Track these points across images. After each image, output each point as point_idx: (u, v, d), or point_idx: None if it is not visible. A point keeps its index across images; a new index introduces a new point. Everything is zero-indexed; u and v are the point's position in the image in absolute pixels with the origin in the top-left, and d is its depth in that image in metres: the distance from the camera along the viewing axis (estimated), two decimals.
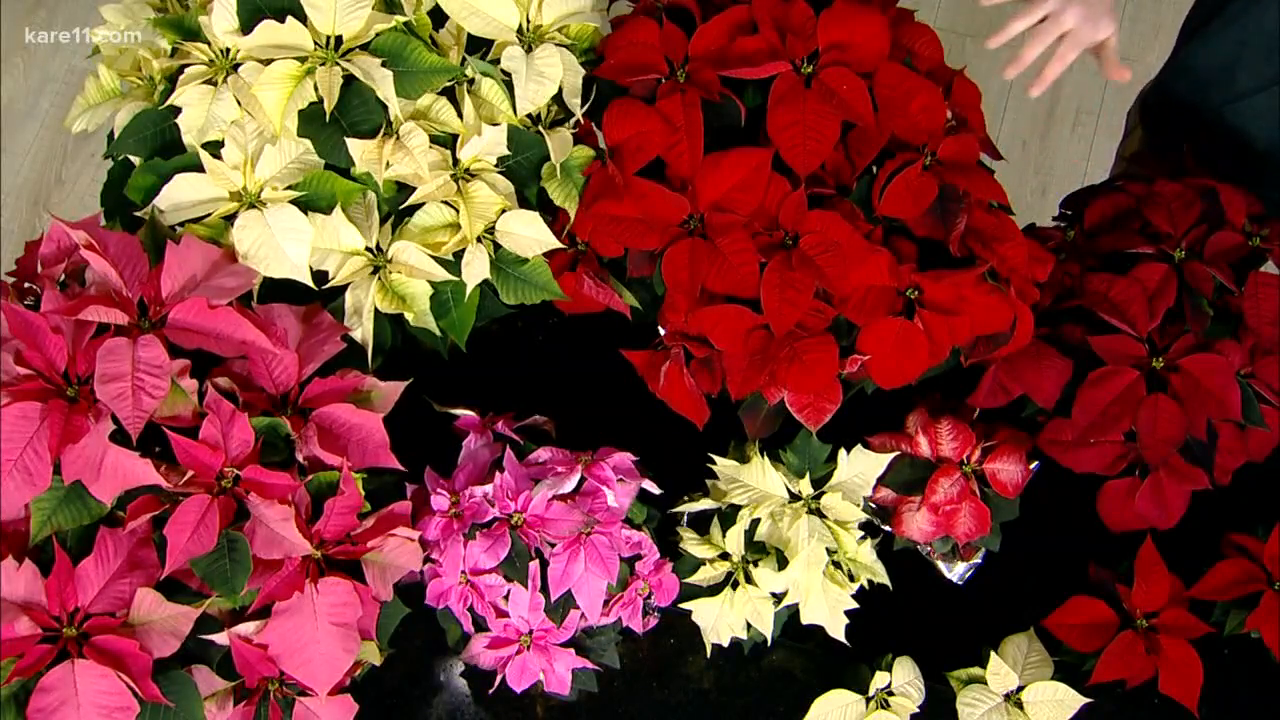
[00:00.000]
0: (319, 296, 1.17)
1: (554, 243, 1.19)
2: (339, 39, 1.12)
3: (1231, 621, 1.28)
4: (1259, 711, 1.37)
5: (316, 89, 1.11)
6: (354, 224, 1.16)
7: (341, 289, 1.18)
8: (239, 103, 1.12)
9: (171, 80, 1.15)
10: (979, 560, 1.41)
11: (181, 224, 1.14)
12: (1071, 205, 1.42)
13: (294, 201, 1.13)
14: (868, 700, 1.29)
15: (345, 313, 1.19)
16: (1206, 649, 1.27)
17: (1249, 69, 1.42)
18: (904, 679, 1.31)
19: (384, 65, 1.12)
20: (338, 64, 1.12)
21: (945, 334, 1.19)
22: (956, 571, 1.41)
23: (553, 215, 1.22)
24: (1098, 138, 2.39)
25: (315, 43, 1.12)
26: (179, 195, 1.13)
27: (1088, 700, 1.26)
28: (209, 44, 1.14)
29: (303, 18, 1.11)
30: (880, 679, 1.30)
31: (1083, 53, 1.26)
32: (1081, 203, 1.39)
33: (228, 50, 1.13)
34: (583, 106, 1.21)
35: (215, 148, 1.13)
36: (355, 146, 1.13)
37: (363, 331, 1.19)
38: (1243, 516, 1.33)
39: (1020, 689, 1.28)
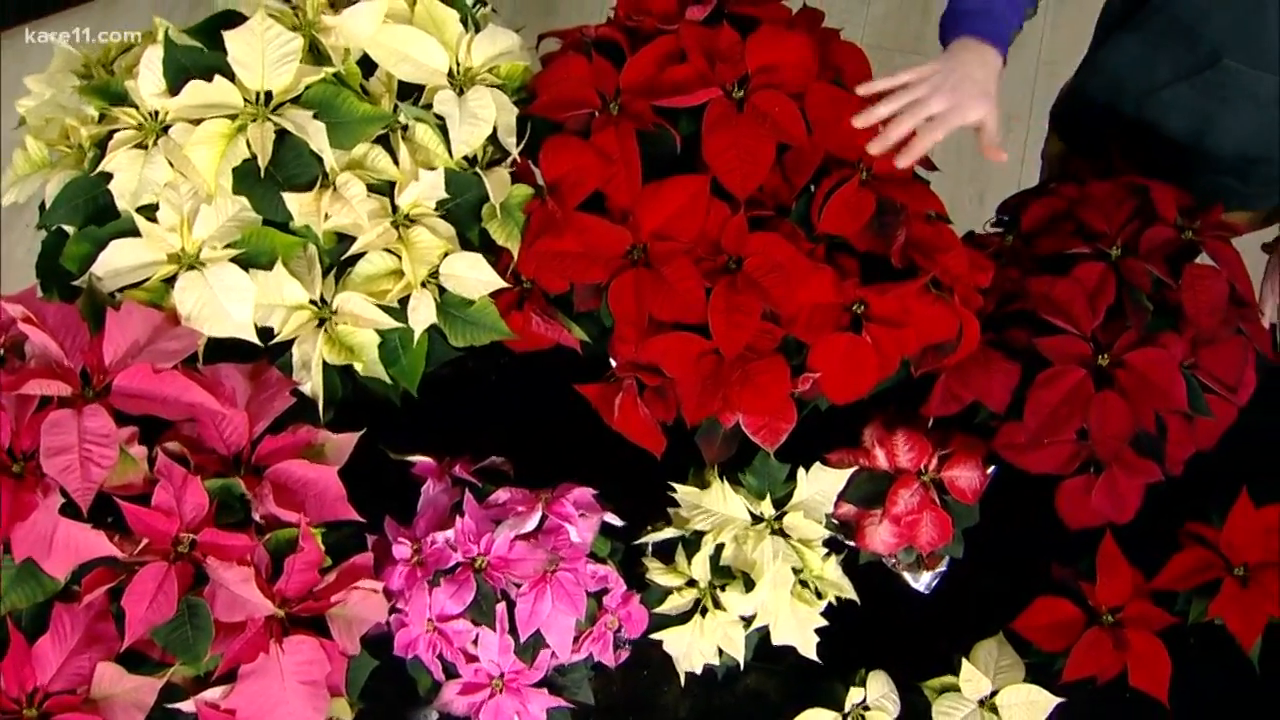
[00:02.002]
0: (265, 353, 1.16)
1: (499, 282, 1.19)
2: (269, 94, 1.12)
3: (1195, 610, 1.30)
4: (1228, 697, 1.39)
5: (249, 145, 1.10)
6: (296, 278, 1.15)
7: (288, 343, 1.18)
8: (171, 164, 1.11)
9: (101, 146, 1.14)
10: (944, 568, 1.42)
11: (120, 290, 1.13)
12: (1008, 211, 1.44)
13: (234, 259, 1.13)
14: (844, 716, 1.29)
15: (293, 367, 1.18)
16: (1172, 639, 1.28)
17: (1164, 63, 1.44)
18: (878, 692, 1.31)
19: (316, 117, 1.11)
20: (269, 119, 1.11)
21: (893, 346, 1.20)
22: (923, 581, 1.42)
23: (496, 255, 1.22)
24: (1030, 142, 2.43)
25: (245, 99, 1.11)
26: (116, 261, 1.11)
27: (1060, 699, 1.27)
28: (137, 108, 1.13)
29: (230, 75, 1.11)
30: (855, 694, 1.30)
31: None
32: (1018, 208, 1.41)
33: (156, 113, 1.13)
34: (518, 145, 1.21)
35: (150, 211, 1.12)
36: (292, 200, 1.12)
37: (312, 385, 1.18)
38: (1198, 505, 1.35)
39: (994, 693, 1.28)
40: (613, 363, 1.27)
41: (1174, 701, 1.27)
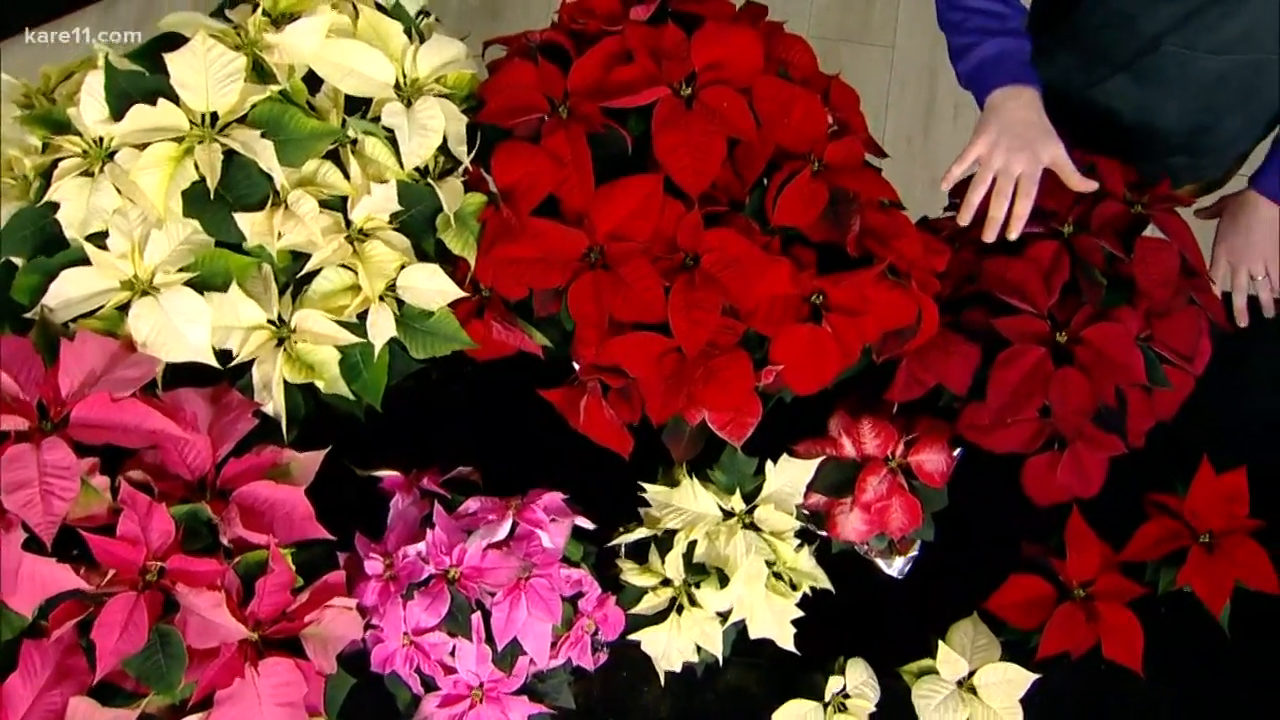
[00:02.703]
0: (225, 375, 1.15)
1: (457, 292, 1.19)
2: (214, 115, 1.11)
3: (1164, 580, 1.31)
4: (1200, 663, 1.41)
5: (197, 167, 1.09)
6: (252, 298, 1.14)
7: (248, 365, 1.17)
8: (119, 191, 1.10)
9: (46, 176, 1.12)
10: (916, 552, 1.43)
11: (74, 320, 1.11)
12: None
13: (188, 283, 1.12)
14: (825, 706, 1.30)
15: (255, 388, 1.17)
16: (1143, 610, 1.30)
17: (1110, 51, 1.47)
18: (858, 680, 1.32)
19: (263, 136, 1.11)
20: (216, 140, 1.10)
21: (853, 334, 1.21)
22: (895, 566, 1.43)
23: (453, 265, 1.22)
24: None
25: (191, 121, 1.10)
26: (67, 291, 1.10)
27: (1037, 676, 1.28)
28: (81, 135, 1.12)
29: (174, 98, 1.10)
30: (834, 683, 1.30)
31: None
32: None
33: (101, 139, 1.12)
34: (469, 154, 1.21)
35: (100, 239, 1.11)
36: (244, 220, 1.12)
37: (274, 405, 1.17)
38: (1161, 476, 1.37)
39: (971, 674, 1.29)
40: (575, 366, 1.27)
41: (1148, 671, 1.29)
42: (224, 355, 1.15)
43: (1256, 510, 1.32)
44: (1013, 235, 1.27)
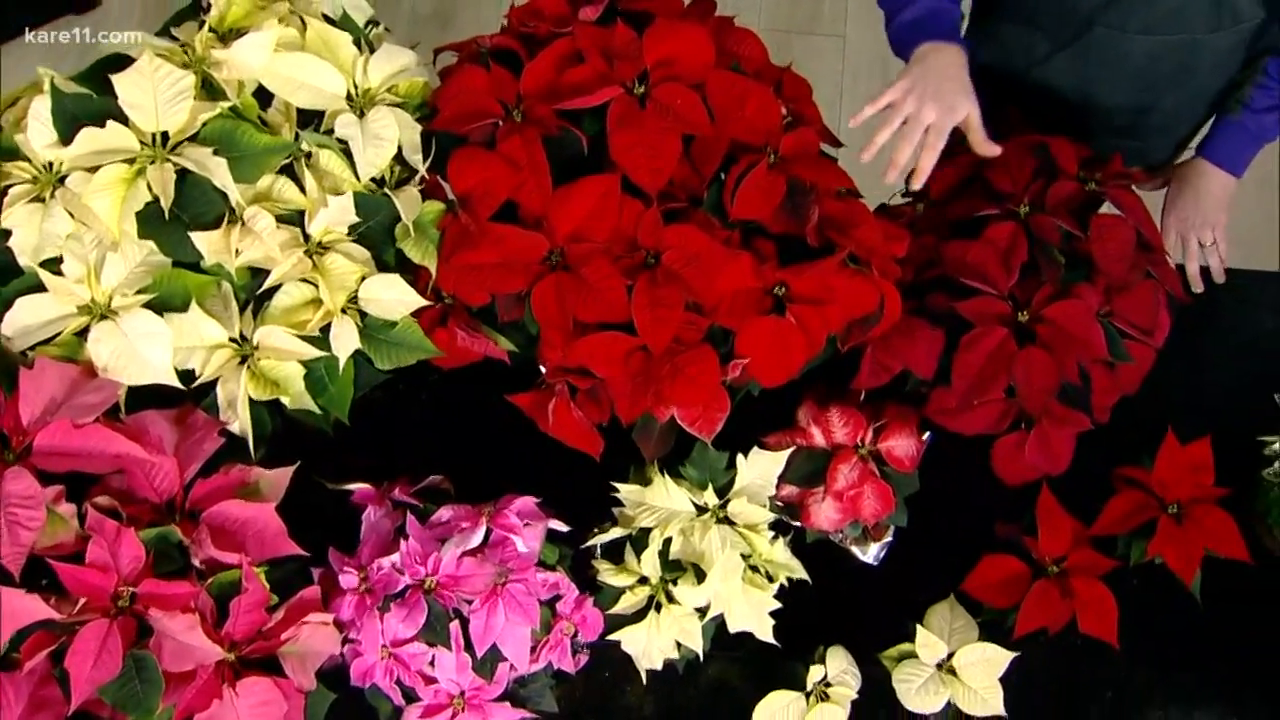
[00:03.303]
0: (189, 396, 1.15)
1: (419, 301, 1.19)
2: (165, 134, 1.10)
3: (1135, 552, 1.33)
4: (1174, 631, 1.42)
5: (150, 188, 1.08)
6: (213, 317, 1.14)
7: (212, 384, 1.16)
8: (71, 215, 1.09)
9: None
10: (890, 538, 1.44)
11: (32, 348, 1.10)
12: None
13: (147, 305, 1.11)
14: (807, 695, 1.30)
15: (220, 407, 1.17)
16: (1116, 583, 1.31)
17: (1047, 33, 1.49)
18: (838, 668, 1.32)
19: (216, 153, 1.10)
20: (168, 160, 1.09)
21: (817, 324, 1.21)
22: (870, 553, 1.43)
23: (414, 274, 1.21)
24: None
25: (141, 142, 1.09)
26: (24, 319, 1.09)
27: (1015, 654, 1.29)
28: (29, 161, 1.11)
29: (124, 119, 1.09)
30: (816, 672, 1.31)
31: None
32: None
33: (50, 164, 1.10)
34: (425, 162, 1.20)
35: (54, 265, 1.10)
36: (201, 239, 1.11)
37: (240, 423, 1.16)
38: (1128, 449, 1.38)
39: (950, 656, 1.30)
40: (542, 369, 1.27)
41: (1124, 643, 1.30)
42: (187, 375, 1.14)
43: (1222, 479, 1.34)
44: (916, 185, 1.29)
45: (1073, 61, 1.49)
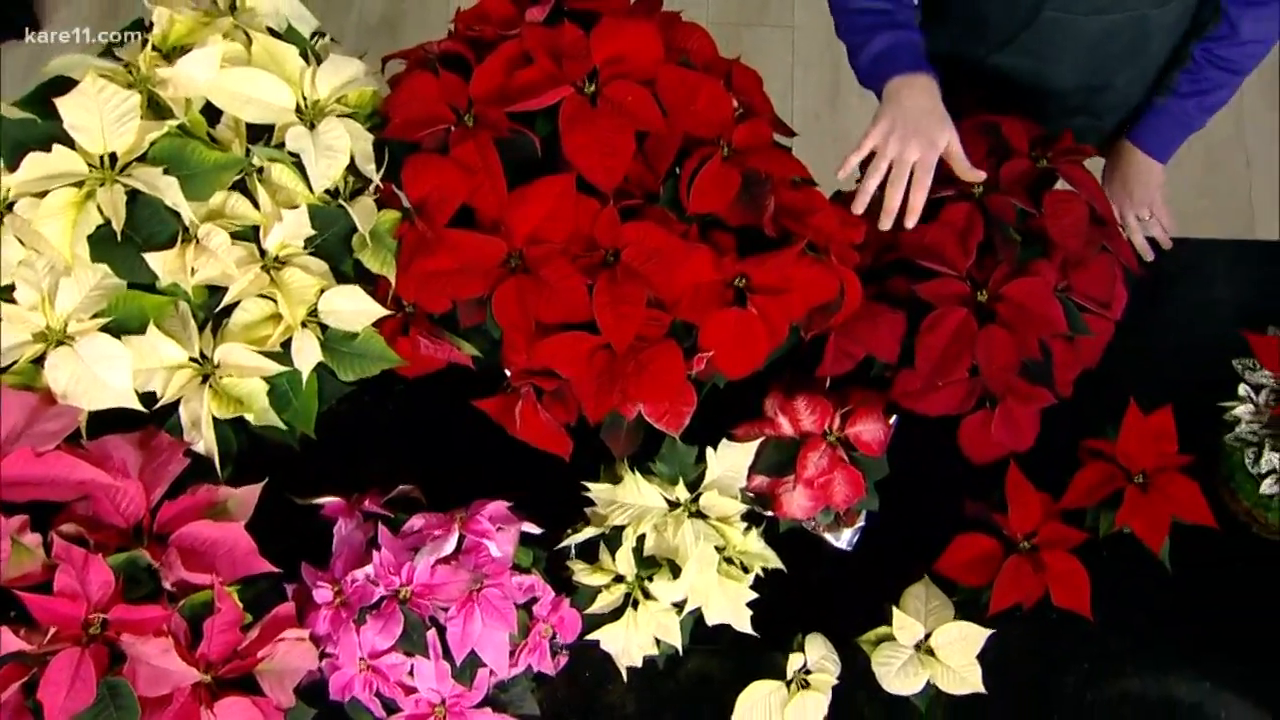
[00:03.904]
0: (152, 418, 1.14)
1: (380, 311, 1.18)
2: (113, 156, 1.09)
3: (1103, 523, 1.34)
4: (1146, 600, 1.44)
5: (101, 211, 1.07)
6: (172, 337, 1.13)
7: (174, 405, 1.15)
8: (21, 242, 1.08)
9: None
10: (862, 523, 1.44)
11: None
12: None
13: (103, 329, 1.10)
14: (788, 684, 1.31)
15: (183, 428, 1.16)
16: (1087, 555, 1.32)
17: (997, 21, 1.50)
18: (818, 655, 1.33)
19: (166, 173, 1.09)
20: (117, 181, 1.08)
21: (779, 314, 1.21)
22: (844, 539, 1.44)
23: (373, 284, 1.21)
24: None
25: (89, 165, 1.08)
26: None
27: (991, 631, 1.30)
28: None
29: (70, 143, 1.08)
30: (795, 660, 1.31)
31: None
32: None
33: None
34: (379, 171, 1.20)
35: (7, 292, 1.09)
36: (155, 260, 1.10)
37: (205, 443, 1.15)
38: (1092, 422, 1.39)
39: (928, 636, 1.31)
40: (507, 373, 1.27)
41: (1097, 614, 1.31)
42: (148, 398, 1.13)
43: (1185, 446, 1.36)
44: (909, 224, 1.29)
45: (1025, 47, 1.51)
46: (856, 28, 1.40)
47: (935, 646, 1.31)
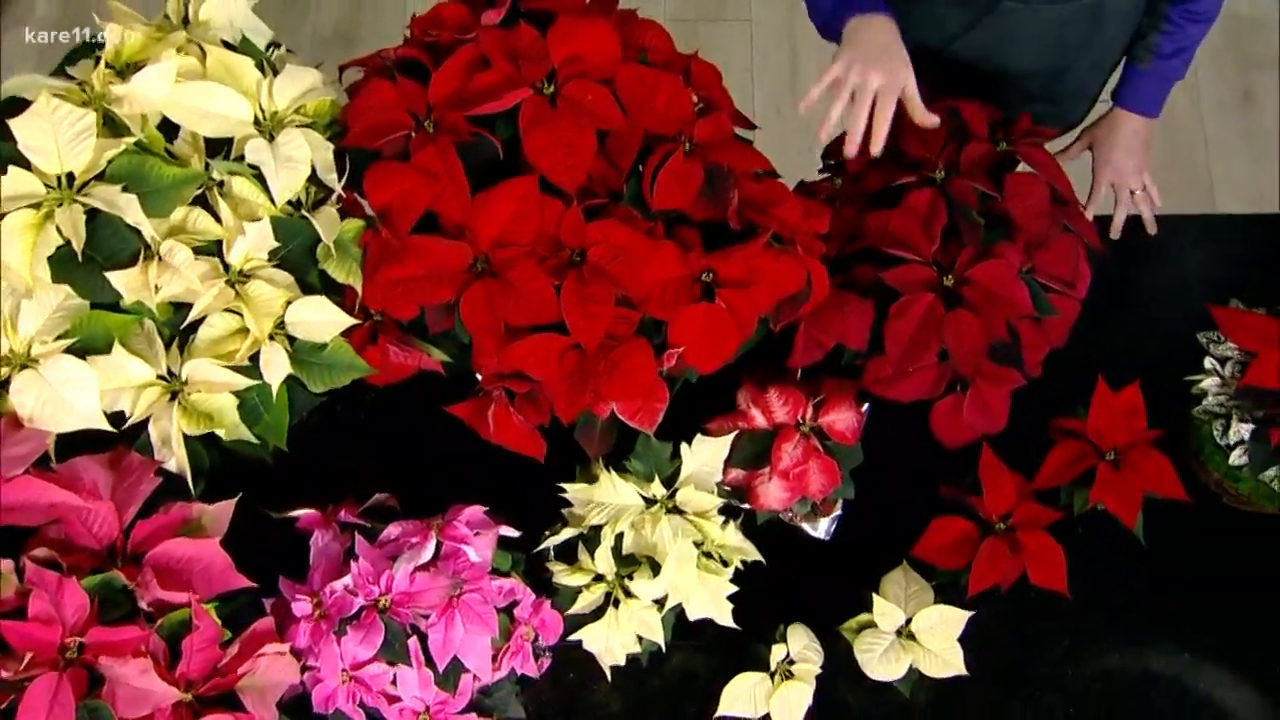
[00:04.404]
0: (121, 437, 1.13)
1: (348, 320, 1.18)
2: (70, 175, 1.08)
3: (1077, 501, 1.35)
4: (1121, 575, 1.45)
5: (60, 231, 1.06)
6: (138, 356, 1.12)
7: (144, 424, 1.14)
8: None
9: None
10: (839, 512, 1.45)
11: None
12: (832, 154, 1.47)
13: (68, 350, 1.09)
14: (772, 675, 1.31)
15: (154, 446, 1.15)
16: (1063, 533, 1.33)
17: (955, 12, 1.51)
18: (800, 645, 1.33)
19: (125, 190, 1.08)
20: (76, 201, 1.07)
21: (748, 307, 1.22)
22: (821, 528, 1.45)
23: (340, 294, 1.20)
24: None
25: (46, 185, 1.07)
26: None
27: (971, 613, 1.31)
28: None
29: (26, 164, 1.06)
30: (778, 651, 1.32)
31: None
32: (840, 150, 1.44)
33: None
34: (340, 180, 1.19)
35: None
36: (117, 279, 1.09)
37: (176, 460, 1.15)
38: (1063, 401, 1.40)
39: (908, 621, 1.32)
40: (478, 377, 1.27)
41: (1075, 591, 1.32)
42: (117, 417, 1.12)
43: (1155, 421, 1.37)
44: (875, 151, 1.29)
45: (984, 36, 1.52)
46: None
47: (916, 631, 1.31)
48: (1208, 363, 1.39)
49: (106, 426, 1.10)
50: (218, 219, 1.14)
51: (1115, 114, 1.63)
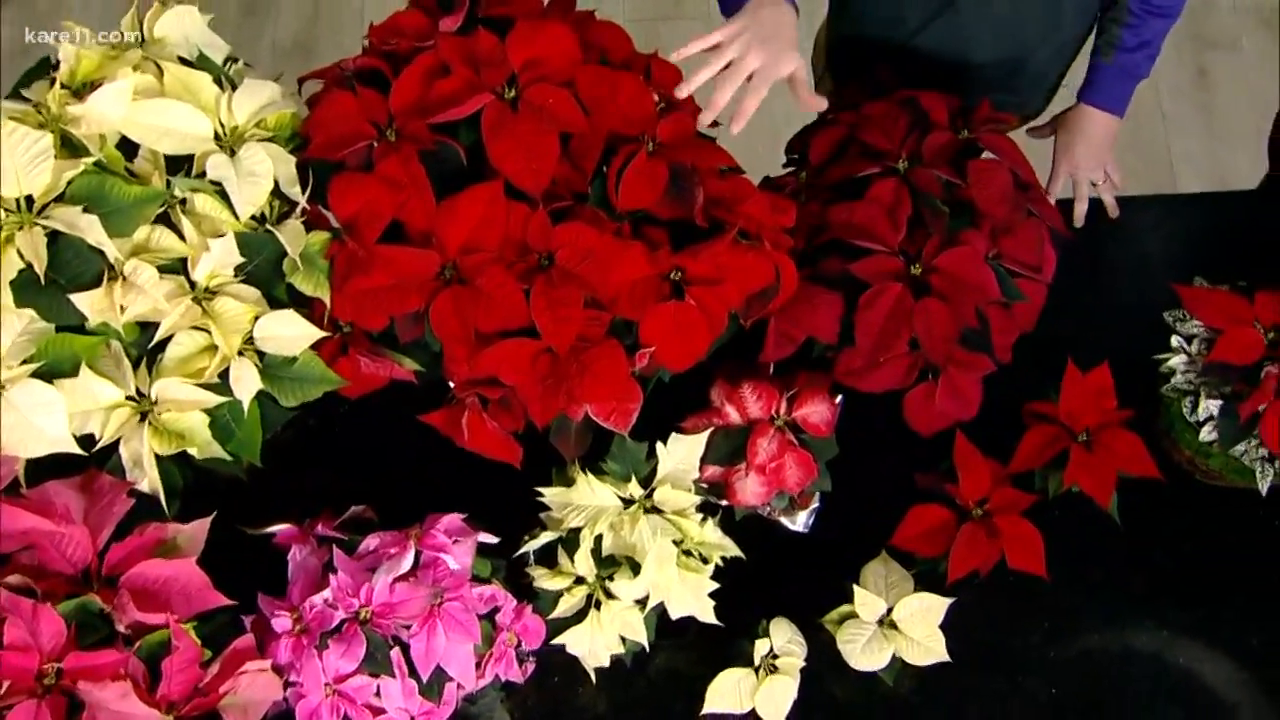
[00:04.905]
0: (92, 460, 1.12)
1: (317, 333, 1.17)
2: (29, 198, 1.07)
3: (1052, 484, 1.36)
4: (1098, 555, 1.46)
5: (21, 255, 1.05)
6: (106, 377, 1.11)
7: (114, 445, 1.13)
8: None
9: None
10: (817, 504, 1.45)
11: None
12: (795, 148, 1.48)
13: (35, 375, 1.08)
14: (756, 670, 1.31)
15: (125, 468, 1.14)
16: (1039, 516, 1.34)
17: (913, 8, 1.52)
18: (783, 639, 1.33)
19: (86, 211, 1.07)
20: (36, 224, 1.06)
21: (717, 303, 1.22)
22: (799, 521, 1.45)
23: (308, 307, 1.20)
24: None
25: (6, 209, 1.06)
26: None
27: (952, 599, 1.32)
28: None
29: None
30: (761, 646, 1.32)
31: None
32: (803, 143, 1.45)
33: None
34: (304, 193, 1.19)
35: None
36: (82, 300, 1.08)
37: (149, 481, 1.14)
38: (1034, 385, 1.41)
39: (890, 610, 1.32)
40: (451, 385, 1.26)
41: (1053, 573, 1.33)
42: (87, 440, 1.11)
43: (1125, 401, 1.38)
44: (734, 129, 1.26)
45: (943, 31, 1.53)
46: None
47: (898, 620, 1.32)
48: (1175, 341, 1.40)
49: (77, 450, 1.09)
50: (181, 236, 1.13)
51: (1081, 109, 1.64)
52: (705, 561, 1.30)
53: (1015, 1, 1.47)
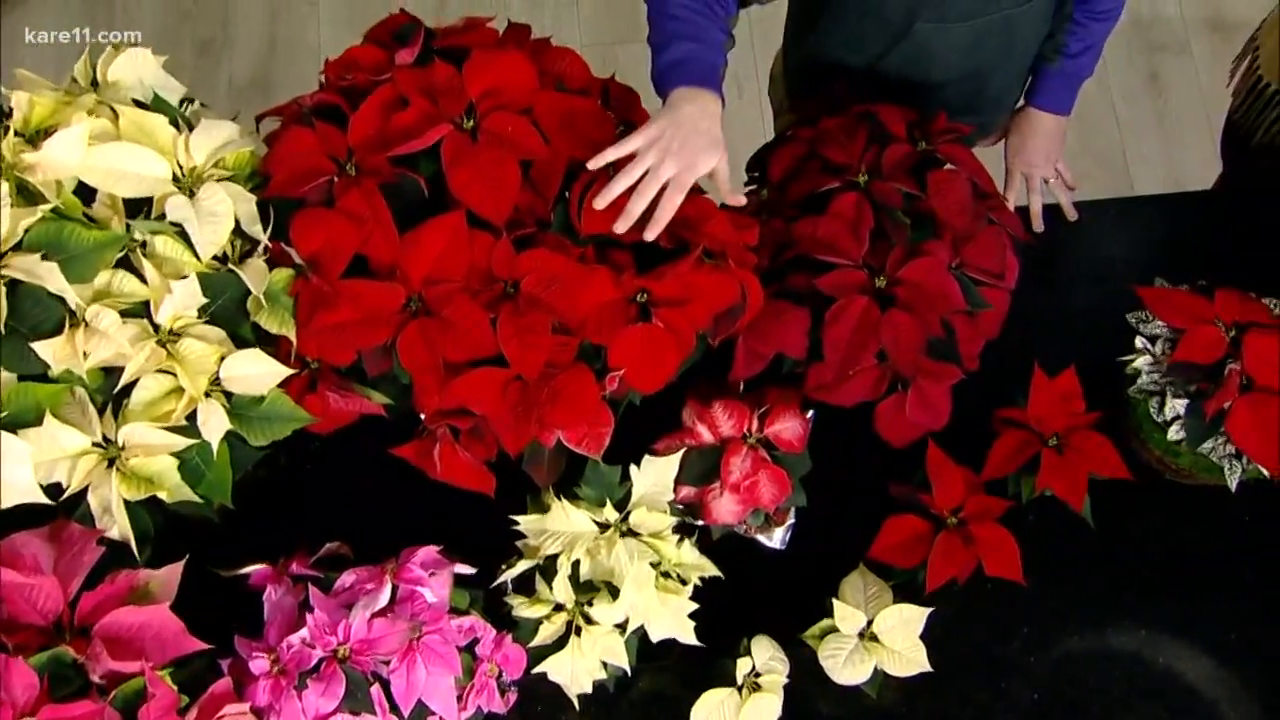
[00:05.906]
0: (61, 509, 1.11)
1: (284, 371, 1.17)
2: None
3: (1025, 489, 1.37)
4: (1074, 558, 1.47)
5: None
6: (71, 425, 1.10)
7: (83, 493, 1.12)
8: None
9: None
10: (793, 520, 1.46)
11: None
12: (756, 166, 1.48)
13: None
14: (739, 689, 1.31)
15: (95, 515, 1.13)
16: (1014, 522, 1.35)
17: (873, 36, 1.53)
18: (765, 657, 1.33)
19: (45, 258, 1.06)
20: None
21: (685, 324, 1.22)
22: (776, 538, 1.45)
23: (274, 345, 1.19)
24: (764, 97, 2.52)
25: None
26: None
27: (930, 609, 1.32)
28: None
29: None
30: (744, 665, 1.32)
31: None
32: (763, 161, 1.45)
33: None
34: (266, 231, 1.18)
35: None
36: (44, 349, 1.07)
37: (119, 528, 1.13)
38: (1002, 391, 1.42)
39: (870, 623, 1.32)
40: (422, 417, 1.26)
41: (1030, 579, 1.34)
42: (54, 489, 1.10)
43: (1093, 404, 1.39)
44: (649, 236, 1.22)
45: (904, 55, 1.54)
46: (664, 32, 1.35)
47: (879, 632, 1.32)
48: (1139, 342, 1.41)
49: (44, 499, 1.08)
50: (143, 280, 1.13)
51: (1028, 112, 1.67)
52: (684, 582, 1.30)
53: (971, 26, 1.49)
